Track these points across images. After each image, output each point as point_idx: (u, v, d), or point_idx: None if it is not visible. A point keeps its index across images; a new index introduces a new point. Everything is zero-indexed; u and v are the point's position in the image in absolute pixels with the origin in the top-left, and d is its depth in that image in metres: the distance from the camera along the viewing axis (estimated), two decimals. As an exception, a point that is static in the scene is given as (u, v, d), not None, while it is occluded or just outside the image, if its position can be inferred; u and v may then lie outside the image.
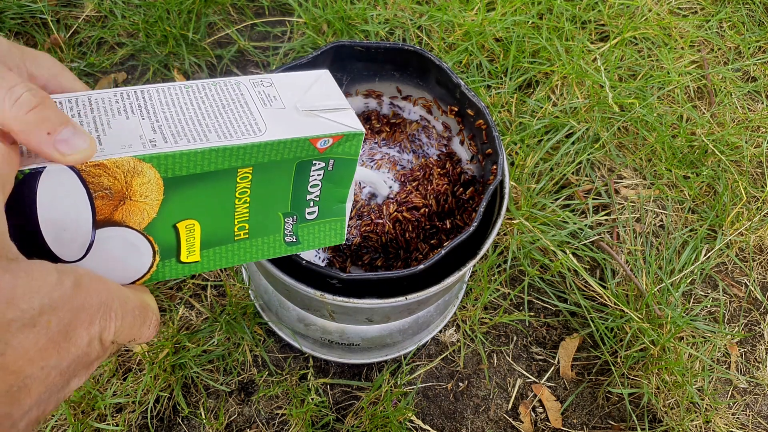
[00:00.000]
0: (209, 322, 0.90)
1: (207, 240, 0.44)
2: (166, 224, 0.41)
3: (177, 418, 0.85)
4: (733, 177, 1.08)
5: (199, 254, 0.45)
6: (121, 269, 0.41)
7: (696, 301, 1.01)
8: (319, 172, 0.47)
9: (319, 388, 0.88)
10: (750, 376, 0.96)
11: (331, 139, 0.44)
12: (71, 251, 0.38)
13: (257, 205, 0.45)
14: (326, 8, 1.16)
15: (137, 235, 0.41)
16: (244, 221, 0.45)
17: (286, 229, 0.49)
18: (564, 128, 1.08)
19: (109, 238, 0.40)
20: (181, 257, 0.44)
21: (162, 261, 0.43)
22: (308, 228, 0.50)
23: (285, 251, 0.50)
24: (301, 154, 0.44)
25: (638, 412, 0.90)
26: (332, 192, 0.49)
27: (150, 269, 0.43)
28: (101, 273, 0.37)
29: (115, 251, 0.40)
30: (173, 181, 0.39)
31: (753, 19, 1.33)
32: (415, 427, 0.87)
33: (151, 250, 0.42)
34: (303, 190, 0.47)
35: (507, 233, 1.00)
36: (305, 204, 0.48)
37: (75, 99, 0.39)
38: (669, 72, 1.19)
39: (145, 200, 0.39)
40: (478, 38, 1.15)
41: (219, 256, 0.46)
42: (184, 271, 0.45)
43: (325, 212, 0.50)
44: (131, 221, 0.40)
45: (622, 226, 1.04)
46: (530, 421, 0.89)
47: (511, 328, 0.96)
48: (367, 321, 0.74)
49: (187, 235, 0.43)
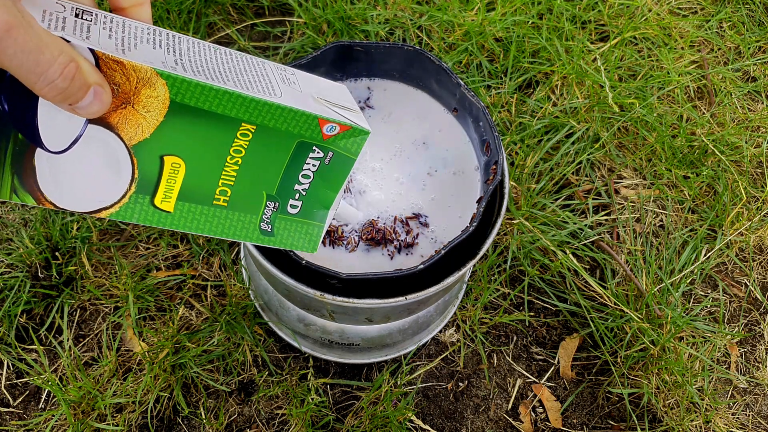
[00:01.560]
0: (209, 322, 0.90)
1: (186, 190, 0.43)
2: (154, 151, 0.41)
3: (177, 418, 0.86)
4: (733, 177, 1.08)
5: (173, 203, 0.44)
6: (96, 186, 0.40)
7: (696, 301, 1.01)
8: (315, 162, 0.47)
9: (319, 388, 0.88)
10: (750, 376, 0.96)
11: (338, 128, 0.45)
12: (56, 140, 0.38)
13: (246, 172, 0.45)
14: (326, 8, 1.16)
15: (123, 151, 0.40)
16: (228, 184, 0.45)
17: (265, 213, 0.48)
18: (564, 128, 1.08)
19: (96, 140, 0.39)
20: (156, 199, 0.43)
21: (136, 195, 0.42)
22: (286, 222, 0.49)
23: (256, 239, 0.49)
24: (306, 132, 0.44)
25: (638, 412, 0.90)
26: (320, 191, 0.48)
27: (122, 198, 0.42)
28: (75, 182, 0.36)
29: (96, 159, 0.40)
30: (178, 108, 0.39)
31: (753, 19, 1.33)
32: (415, 427, 0.87)
33: (130, 174, 0.41)
34: (294, 176, 0.47)
35: (507, 233, 1.00)
36: (291, 194, 0.48)
37: (111, 18, 0.39)
38: (669, 72, 1.19)
39: (146, 114, 0.39)
40: (478, 38, 1.15)
41: (191, 216, 0.45)
42: (152, 219, 0.43)
43: (307, 211, 0.50)
44: (124, 131, 0.39)
45: (622, 226, 1.04)
46: (530, 421, 0.89)
47: (511, 328, 0.96)
48: (366, 321, 0.74)
49: (170, 175, 0.42)
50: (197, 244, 0.96)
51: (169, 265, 0.95)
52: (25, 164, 0.38)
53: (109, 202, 0.42)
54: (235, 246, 0.97)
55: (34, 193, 0.40)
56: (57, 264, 0.91)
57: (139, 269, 0.94)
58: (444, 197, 0.70)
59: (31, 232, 0.93)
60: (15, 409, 0.86)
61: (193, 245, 0.95)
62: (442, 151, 0.73)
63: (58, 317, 0.90)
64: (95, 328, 0.91)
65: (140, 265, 0.94)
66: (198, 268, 0.95)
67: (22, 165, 0.38)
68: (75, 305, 0.92)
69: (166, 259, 0.96)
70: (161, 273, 0.94)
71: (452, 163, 0.72)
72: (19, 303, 0.89)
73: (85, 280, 0.92)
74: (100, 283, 0.92)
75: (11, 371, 0.88)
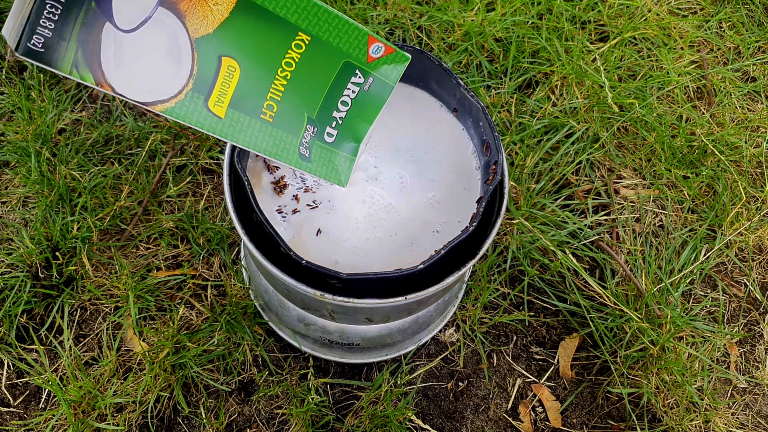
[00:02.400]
0: (209, 322, 0.90)
1: (238, 97, 0.45)
2: (214, 49, 0.42)
3: (177, 417, 0.86)
4: (732, 177, 1.08)
5: (225, 109, 0.45)
6: (155, 75, 0.41)
7: (695, 301, 1.01)
8: (355, 88, 0.49)
9: (319, 388, 0.88)
10: (749, 375, 0.96)
11: (383, 49, 0.48)
12: (127, 17, 0.39)
13: (293, 89, 0.46)
14: (326, 8, 1.16)
15: (186, 42, 0.41)
16: (275, 99, 0.46)
17: (304, 137, 0.50)
18: (564, 128, 1.09)
19: (164, 25, 0.39)
20: (210, 102, 0.44)
21: (192, 92, 0.43)
22: (322, 150, 0.51)
23: (295, 162, 0.50)
24: (354, 51, 0.46)
25: (638, 411, 0.90)
26: (355, 122, 0.50)
27: (179, 94, 0.43)
28: (136, 67, 0.37)
29: (160, 46, 0.40)
30: (245, 5, 0.40)
31: (753, 19, 1.33)
32: (415, 426, 0.87)
33: (189, 68, 0.42)
34: (334, 100, 0.49)
35: (507, 233, 1.00)
36: (329, 120, 0.50)
37: None
38: (668, 72, 1.19)
39: (213, 7, 0.40)
40: (477, 38, 1.15)
41: (240, 127, 0.46)
42: (205, 122, 0.44)
43: (341, 142, 0.51)
44: (191, 21, 0.40)
45: (621, 226, 1.04)
46: (530, 420, 0.90)
47: (511, 327, 0.96)
48: (367, 321, 0.74)
49: (224, 79, 0.43)
50: (197, 244, 0.96)
51: (169, 265, 0.96)
52: (92, 37, 0.39)
53: (166, 96, 0.42)
54: (235, 246, 0.97)
55: (95, 72, 0.40)
56: (57, 264, 0.91)
57: (139, 269, 0.94)
58: (444, 197, 0.71)
59: (32, 232, 0.93)
60: (15, 409, 0.86)
61: (194, 245, 0.96)
62: (442, 151, 0.73)
63: (58, 317, 0.90)
64: (95, 327, 0.91)
65: (140, 265, 0.94)
66: (198, 268, 0.95)
67: (89, 38, 0.39)
68: (75, 305, 0.92)
69: (167, 259, 0.96)
70: (161, 273, 0.94)
71: (452, 163, 0.72)
72: (19, 303, 0.89)
73: (85, 280, 0.92)
74: (101, 283, 0.92)
75: (12, 371, 0.88)
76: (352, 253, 0.67)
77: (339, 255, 0.67)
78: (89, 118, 1.07)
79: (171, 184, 1.00)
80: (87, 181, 0.98)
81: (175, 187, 1.00)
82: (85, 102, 1.10)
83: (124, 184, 0.99)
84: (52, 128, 1.02)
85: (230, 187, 0.64)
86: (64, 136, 1.04)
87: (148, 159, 1.03)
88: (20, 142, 1.00)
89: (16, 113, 1.04)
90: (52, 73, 1.09)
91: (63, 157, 1.00)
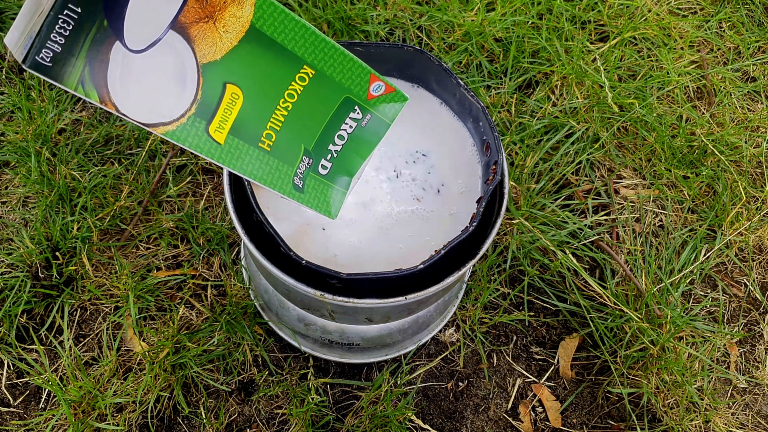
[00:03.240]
0: (209, 321, 0.90)
1: (239, 124, 0.46)
2: (220, 76, 0.43)
3: (177, 417, 0.86)
4: (732, 177, 1.08)
5: (225, 136, 0.46)
6: (160, 97, 0.42)
7: (695, 301, 1.01)
8: (353, 123, 0.50)
9: (319, 388, 0.88)
10: (749, 375, 0.96)
11: (384, 87, 0.50)
12: (137, 38, 0.39)
13: (292, 120, 0.47)
14: (326, 8, 1.16)
15: (193, 67, 0.41)
16: (274, 128, 0.47)
17: (299, 168, 0.50)
18: (564, 128, 1.09)
19: (173, 49, 0.40)
20: (211, 128, 0.45)
21: (194, 117, 0.43)
22: (316, 182, 0.52)
23: (289, 192, 0.51)
24: (355, 87, 0.48)
25: (638, 411, 0.90)
26: (350, 156, 0.51)
27: (181, 117, 0.43)
28: (142, 89, 0.37)
29: (167, 68, 0.41)
30: (254, 35, 0.41)
31: (752, 19, 1.33)
32: (415, 426, 0.87)
33: (194, 93, 0.43)
34: (331, 134, 0.50)
35: (507, 233, 1.00)
36: (324, 153, 0.51)
37: None
38: (668, 72, 1.19)
39: (223, 34, 0.40)
40: (477, 38, 1.15)
41: (238, 154, 0.47)
42: (204, 147, 0.45)
43: (334, 175, 0.52)
44: (199, 46, 0.41)
45: (621, 226, 1.04)
46: (530, 420, 0.90)
47: (511, 327, 0.97)
48: (366, 321, 0.74)
49: (227, 105, 0.44)
50: (197, 244, 0.96)
51: (169, 265, 0.96)
52: (100, 56, 0.39)
53: (169, 119, 0.42)
54: (235, 246, 0.97)
55: (101, 90, 0.40)
56: (57, 264, 0.91)
57: (139, 269, 0.94)
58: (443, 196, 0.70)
59: (32, 232, 0.93)
60: (15, 409, 0.86)
61: (194, 245, 0.96)
62: (442, 151, 0.73)
63: (58, 317, 0.90)
64: (95, 327, 0.91)
65: (140, 265, 0.94)
66: (198, 268, 0.95)
67: (98, 56, 0.39)
68: (75, 305, 0.92)
69: (167, 259, 0.96)
70: (161, 273, 0.94)
71: (452, 163, 0.72)
72: (19, 303, 0.89)
73: (85, 280, 0.92)
74: (101, 283, 0.92)
75: (12, 371, 0.88)
76: (352, 253, 0.67)
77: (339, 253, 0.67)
78: (89, 118, 1.07)
79: (171, 184, 1.00)
80: (87, 181, 0.98)
81: (175, 187, 1.00)
82: (85, 102, 1.10)
83: (124, 184, 0.99)
84: (52, 128, 1.02)
85: (230, 187, 0.64)
86: (64, 136, 1.04)
87: (148, 159, 1.03)
88: (20, 142, 1.00)
89: (16, 113, 1.05)
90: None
91: (63, 157, 1.00)
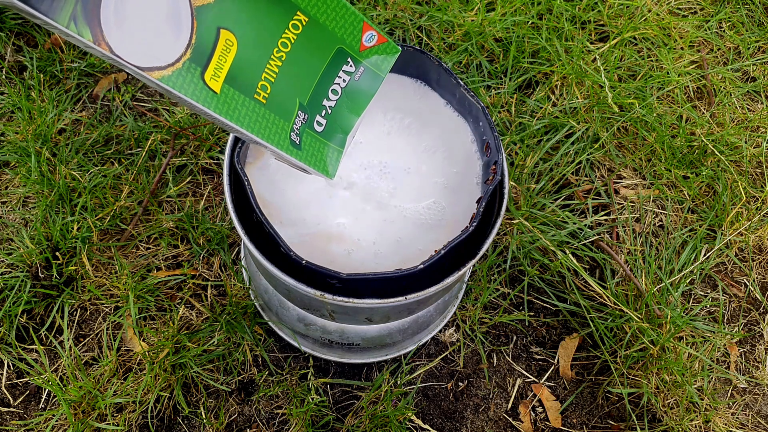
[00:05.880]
0: (209, 322, 0.90)
1: (234, 72, 0.44)
2: (214, 20, 0.42)
3: (177, 417, 0.86)
4: (732, 177, 1.08)
5: (221, 84, 0.44)
6: (154, 39, 0.40)
7: (695, 301, 1.01)
8: (346, 77, 0.49)
9: (319, 388, 0.88)
10: (749, 375, 0.96)
11: (376, 38, 0.48)
12: None
13: (286, 71, 0.46)
14: (326, 8, 1.16)
15: (187, 9, 0.40)
16: (269, 80, 0.46)
17: (295, 123, 0.49)
18: (564, 128, 1.09)
19: None
20: (206, 74, 0.43)
21: (189, 62, 0.42)
22: (312, 139, 0.51)
23: (287, 148, 0.50)
24: (348, 37, 0.47)
25: (638, 411, 0.90)
26: (344, 113, 0.50)
27: (176, 62, 0.42)
28: (136, 29, 0.36)
29: (161, 8, 0.39)
30: None
31: (752, 19, 1.33)
32: (415, 426, 0.87)
33: (188, 37, 0.41)
34: (325, 88, 0.49)
35: (507, 233, 1.00)
36: (319, 108, 0.50)
37: None
38: (668, 72, 1.19)
39: None
40: (477, 38, 1.15)
41: (234, 105, 0.45)
42: (200, 95, 0.43)
43: (329, 132, 0.51)
44: None
45: (621, 226, 1.04)
46: (530, 420, 0.90)
47: (511, 327, 0.97)
48: (366, 321, 0.74)
49: (222, 52, 0.43)
50: (197, 244, 0.96)
51: (169, 265, 0.96)
52: None
53: (164, 63, 0.41)
54: (235, 246, 0.97)
55: (94, 28, 0.38)
56: (57, 264, 0.91)
57: (139, 269, 0.94)
58: (444, 196, 0.70)
59: (32, 232, 0.93)
60: (15, 409, 0.86)
61: (194, 245, 0.96)
62: (442, 151, 0.73)
63: (58, 317, 0.90)
64: (95, 328, 0.91)
65: (140, 265, 0.94)
66: (198, 268, 0.95)
67: None
68: (75, 305, 0.92)
69: (167, 259, 0.96)
70: (161, 273, 0.94)
71: (452, 163, 0.72)
72: (19, 303, 0.89)
73: (85, 280, 0.92)
74: (101, 283, 0.92)
75: (12, 371, 0.88)
76: (352, 253, 0.67)
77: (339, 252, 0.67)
78: (89, 118, 1.07)
79: (171, 184, 1.00)
80: (87, 181, 0.98)
81: (175, 187, 1.00)
82: (85, 102, 1.10)
83: (124, 184, 0.99)
84: (52, 128, 1.02)
85: (230, 187, 0.64)
86: (64, 136, 1.04)
87: (148, 159, 1.03)
88: (20, 142, 1.00)
89: (16, 113, 1.04)
90: (51, 74, 1.09)
91: (63, 157, 1.00)
